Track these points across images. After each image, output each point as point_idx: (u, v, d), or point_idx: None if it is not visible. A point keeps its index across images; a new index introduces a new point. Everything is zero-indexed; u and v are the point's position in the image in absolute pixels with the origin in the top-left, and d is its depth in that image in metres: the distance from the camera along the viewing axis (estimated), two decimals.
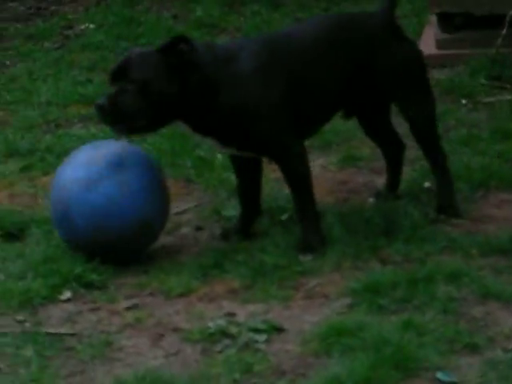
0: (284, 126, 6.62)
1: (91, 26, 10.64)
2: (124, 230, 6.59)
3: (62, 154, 7.39)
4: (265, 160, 6.88)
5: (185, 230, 7.03)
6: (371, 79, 6.92)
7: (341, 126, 7.40)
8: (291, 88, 6.61)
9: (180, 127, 6.58)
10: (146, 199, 6.72)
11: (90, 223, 6.53)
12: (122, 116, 6.24)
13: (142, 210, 6.67)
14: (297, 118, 6.69)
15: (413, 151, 7.27)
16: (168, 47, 6.38)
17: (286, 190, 6.83)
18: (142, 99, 6.22)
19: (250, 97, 6.45)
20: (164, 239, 6.90)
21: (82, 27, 10.59)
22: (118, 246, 6.61)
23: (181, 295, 6.25)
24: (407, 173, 7.32)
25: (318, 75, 6.78)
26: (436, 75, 7.51)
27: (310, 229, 6.60)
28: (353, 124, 7.45)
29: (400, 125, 7.24)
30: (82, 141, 7.60)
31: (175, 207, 7.15)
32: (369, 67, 6.89)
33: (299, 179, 6.61)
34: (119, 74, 6.30)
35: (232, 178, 7.01)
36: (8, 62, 9.86)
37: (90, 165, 6.72)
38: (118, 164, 6.71)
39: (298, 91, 6.66)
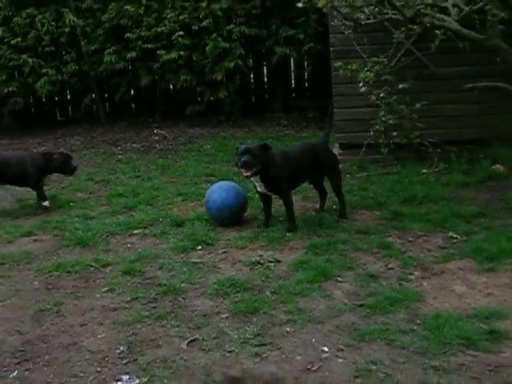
0: (287, 184, 6.67)
1: (208, 146, 10.50)
2: (231, 205, 6.84)
3: (198, 195, 7.51)
4: (275, 197, 6.86)
5: (243, 222, 6.95)
6: (319, 169, 6.96)
7: (303, 186, 7.33)
8: (291, 171, 6.65)
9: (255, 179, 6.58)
10: (241, 198, 6.96)
11: (222, 196, 6.81)
12: (250, 167, 6.32)
13: (237, 202, 6.90)
14: (291, 182, 6.76)
15: (330, 194, 7.20)
16: (262, 145, 6.54)
17: (282, 208, 6.83)
18: (257, 160, 6.32)
19: (278, 173, 6.52)
20: (235, 225, 6.82)
21: (205, 147, 10.49)
22: (228, 212, 6.80)
23: (242, 248, 6.23)
24: (328, 203, 7.25)
25: (301, 167, 6.79)
26: None
27: (291, 222, 6.61)
28: (307, 186, 7.41)
29: (326, 184, 7.17)
30: (205, 190, 7.59)
31: None
32: (318, 165, 6.91)
33: (289, 204, 6.63)
34: (246, 151, 6.34)
35: (260, 204, 6.93)
36: (178, 159, 9.77)
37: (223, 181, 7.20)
38: (236, 185, 7.06)
39: (293, 173, 6.69)
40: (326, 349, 4.34)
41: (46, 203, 7.71)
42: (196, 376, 4.13)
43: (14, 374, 4.26)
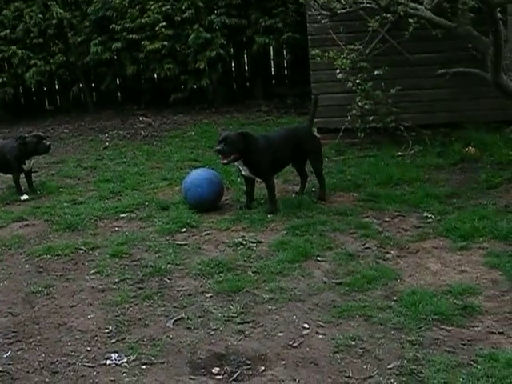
0: (269, 169, 6.66)
1: (192, 133, 10.35)
2: (208, 198, 6.71)
3: (182, 179, 7.17)
4: (257, 180, 6.82)
5: (226, 205, 6.91)
6: (301, 152, 6.91)
7: (285, 169, 7.28)
8: (273, 155, 6.61)
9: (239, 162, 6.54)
10: (216, 187, 6.83)
11: (197, 191, 6.68)
12: (225, 154, 6.32)
13: (213, 191, 6.78)
14: (273, 166, 6.73)
15: (310, 177, 7.16)
16: (240, 133, 6.50)
17: (264, 191, 6.80)
18: (233, 149, 6.30)
19: (260, 157, 6.51)
20: (218, 208, 6.79)
21: (189, 133, 10.32)
22: (206, 203, 6.70)
23: (225, 230, 6.21)
24: (308, 186, 7.20)
25: (283, 150, 6.75)
26: None
27: (272, 204, 6.58)
28: (288, 168, 7.32)
29: (307, 168, 7.14)
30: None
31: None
32: (301, 148, 6.86)
33: (271, 187, 6.62)
34: (224, 139, 6.33)
35: (243, 187, 6.92)
36: (162, 145, 9.66)
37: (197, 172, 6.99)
38: (210, 173, 6.92)
39: (276, 156, 6.65)
40: (306, 326, 4.36)
41: (25, 197, 7.58)
42: (182, 353, 4.12)
43: (8, 354, 4.25)
